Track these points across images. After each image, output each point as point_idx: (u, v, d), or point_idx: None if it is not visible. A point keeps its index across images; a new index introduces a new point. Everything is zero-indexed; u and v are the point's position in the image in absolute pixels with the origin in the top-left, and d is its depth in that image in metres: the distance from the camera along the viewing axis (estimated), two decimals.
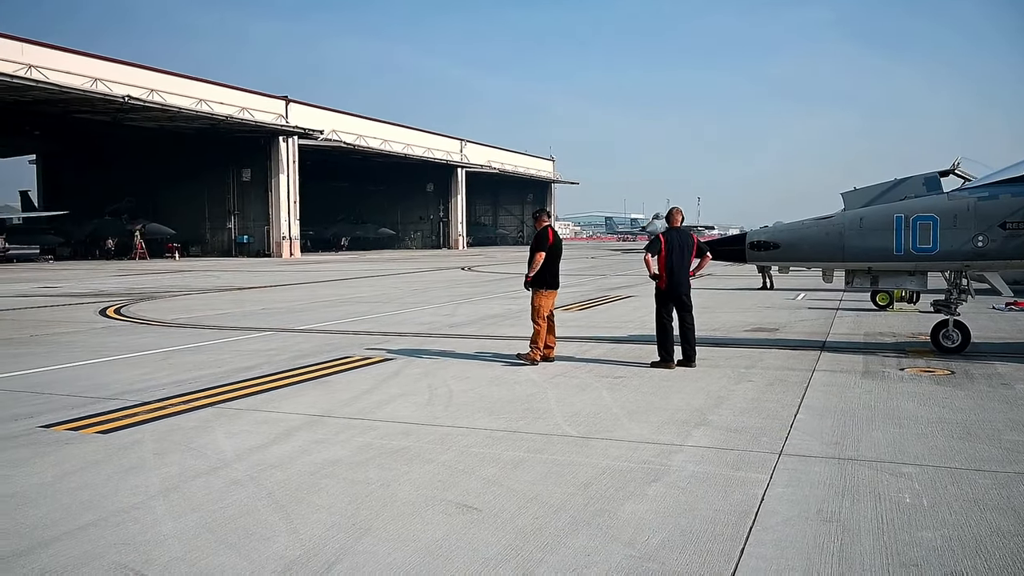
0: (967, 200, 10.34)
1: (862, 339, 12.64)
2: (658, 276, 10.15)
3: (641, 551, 4.30)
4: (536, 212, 11.33)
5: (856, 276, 11.17)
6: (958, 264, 10.52)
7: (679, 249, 10.14)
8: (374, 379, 9.43)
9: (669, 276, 10.11)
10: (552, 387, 8.88)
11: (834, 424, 7.05)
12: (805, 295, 20.48)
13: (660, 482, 5.47)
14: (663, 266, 10.11)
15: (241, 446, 6.48)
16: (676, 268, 10.11)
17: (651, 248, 10.24)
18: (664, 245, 10.11)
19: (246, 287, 26.82)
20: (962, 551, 4.25)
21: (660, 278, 10.14)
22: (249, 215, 60.67)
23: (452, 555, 4.27)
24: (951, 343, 10.84)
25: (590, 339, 12.76)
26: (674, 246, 10.12)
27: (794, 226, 11.34)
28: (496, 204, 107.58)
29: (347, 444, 6.52)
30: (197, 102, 51.27)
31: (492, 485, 5.44)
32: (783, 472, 5.66)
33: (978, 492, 5.18)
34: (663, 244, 10.11)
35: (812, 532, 4.54)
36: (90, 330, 14.93)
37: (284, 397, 8.50)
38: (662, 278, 10.13)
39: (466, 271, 37.27)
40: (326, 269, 39.70)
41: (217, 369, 10.23)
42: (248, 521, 4.80)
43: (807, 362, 10.38)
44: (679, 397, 8.27)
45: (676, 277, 10.12)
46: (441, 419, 7.40)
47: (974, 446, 6.29)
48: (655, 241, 10.27)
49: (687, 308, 10.19)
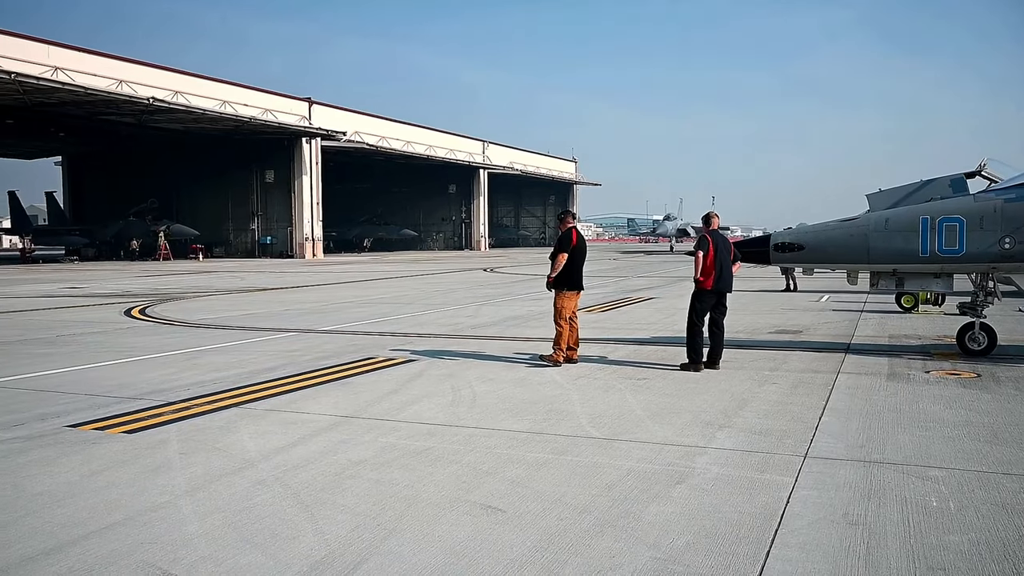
0: (994, 202, 10.22)
1: (887, 341, 12.52)
2: (707, 275, 10.05)
3: (666, 553, 4.30)
4: (561, 213, 11.32)
5: (881, 278, 11.08)
6: (984, 266, 10.40)
7: (723, 250, 10.15)
8: (398, 380, 9.48)
9: (718, 275, 10.05)
10: (575, 389, 8.88)
11: (859, 427, 7.00)
12: (829, 297, 20.32)
13: (684, 484, 5.45)
14: (711, 264, 10.06)
15: (266, 446, 6.54)
16: (724, 267, 10.10)
17: (701, 246, 10.18)
18: (712, 244, 10.09)
19: (270, 288, 27.03)
20: (990, 555, 4.21)
21: (709, 277, 10.06)
22: (272, 216, 61.11)
23: (477, 556, 4.29)
24: (977, 346, 10.72)
25: (613, 340, 12.74)
26: (719, 246, 10.14)
27: (819, 228, 11.27)
28: (518, 205, 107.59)
29: (371, 445, 6.55)
30: (221, 104, 51.76)
31: (516, 486, 5.45)
32: (808, 475, 5.63)
33: (1006, 496, 5.12)
34: (711, 243, 10.10)
35: (838, 535, 4.51)
36: (115, 330, 15.12)
37: (308, 398, 8.56)
38: (709, 277, 10.06)
39: (489, 272, 37.31)
40: (349, 270, 39.91)
41: (241, 370, 10.32)
42: (273, 521, 4.84)
43: (832, 364, 10.30)
44: (703, 399, 8.24)
45: (723, 275, 10.09)
46: (465, 420, 7.42)
47: (1001, 450, 6.22)
48: (703, 240, 10.22)
49: (723, 311, 10.19)
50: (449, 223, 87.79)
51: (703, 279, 10.08)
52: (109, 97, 44.74)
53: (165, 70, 50.08)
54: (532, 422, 7.30)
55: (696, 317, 10.07)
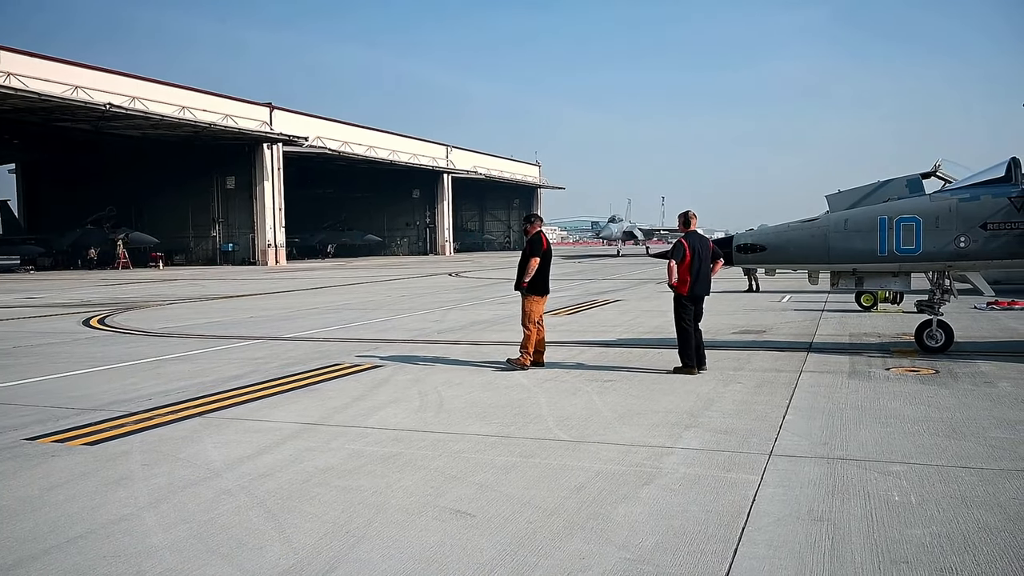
0: (949, 201, 10.46)
1: (848, 340, 12.73)
2: (682, 283, 9.89)
3: (635, 553, 4.32)
4: (528, 217, 11.26)
5: (841, 277, 11.27)
6: (941, 265, 10.63)
7: (702, 253, 9.97)
8: (364, 386, 9.42)
9: (694, 281, 9.88)
10: (543, 391, 8.90)
11: (822, 424, 7.11)
12: (791, 297, 20.62)
13: (652, 484, 5.49)
14: (687, 271, 9.87)
15: (231, 456, 6.46)
16: (701, 272, 9.91)
17: (675, 254, 9.94)
18: (688, 250, 9.90)
19: (233, 295, 26.69)
20: (951, 548, 4.30)
21: (684, 284, 9.89)
22: (234, 223, 60.34)
23: (447, 561, 4.28)
24: (935, 343, 10.94)
25: (579, 343, 12.79)
26: (697, 250, 9.92)
27: (780, 229, 11.43)
28: (482, 210, 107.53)
29: (338, 452, 6.50)
30: (180, 110, 51.02)
31: (485, 490, 5.45)
32: (773, 472, 5.70)
33: (965, 489, 5.24)
34: (687, 249, 9.90)
35: (803, 531, 4.57)
36: (74, 341, 14.82)
37: (274, 405, 8.47)
38: (685, 284, 9.89)
39: (454, 277, 37.25)
40: (313, 276, 39.56)
41: (205, 378, 10.18)
42: (240, 531, 4.78)
43: (794, 363, 10.45)
44: (669, 400, 8.30)
45: (701, 282, 9.92)
46: (432, 425, 7.40)
47: (960, 444, 6.35)
48: (678, 247, 9.99)
49: (699, 315, 10.03)
50: (413, 228, 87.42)
51: (678, 286, 9.93)
52: (64, 103, 43.88)
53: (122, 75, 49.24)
54: (500, 426, 7.30)
55: (684, 322, 9.89)
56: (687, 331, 9.87)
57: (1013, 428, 6.81)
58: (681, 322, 9.93)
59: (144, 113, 47.80)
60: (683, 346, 9.85)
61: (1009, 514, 4.77)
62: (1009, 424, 6.95)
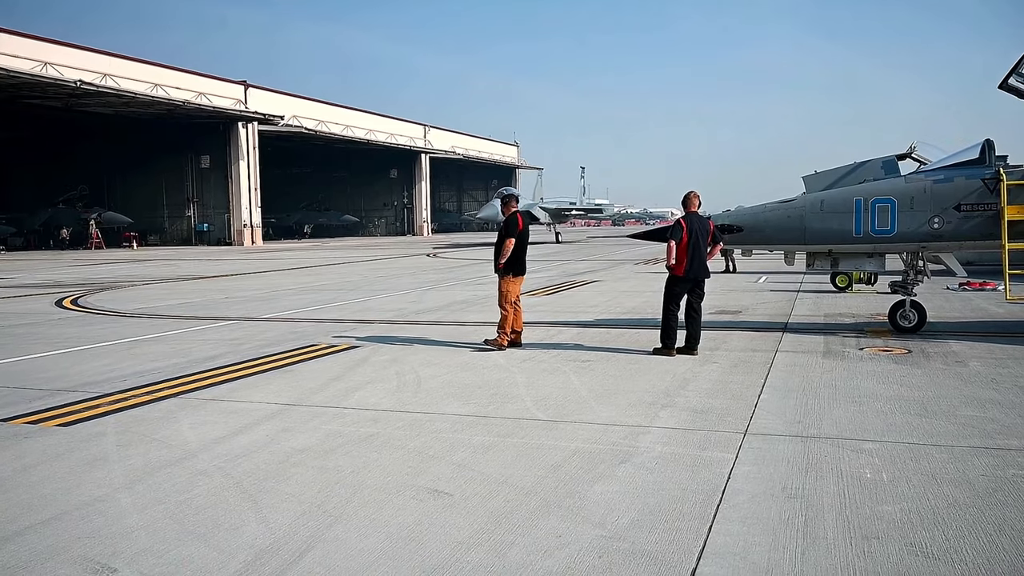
0: (923, 183, 10.55)
1: (823, 320, 12.86)
2: (678, 263, 9.83)
3: (611, 531, 4.36)
4: (504, 198, 11.17)
5: (817, 258, 11.36)
6: (915, 246, 10.74)
7: (699, 234, 9.89)
8: (341, 367, 9.39)
9: (690, 262, 9.81)
10: (520, 372, 8.92)
11: (797, 403, 7.19)
12: (767, 278, 20.78)
13: (629, 463, 5.53)
14: (684, 252, 9.81)
15: (207, 436, 6.42)
16: (698, 254, 9.84)
17: (674, 234, 9.87)
18: (686, 231, 9.84)
19: (208, 276, 26.46)
20: (920, 523, 4.37)
21: (680, 264, 9.84)
22: (209, 203, 59.79)
23: (424, 540, 4.29)
24: (908, 323, 11.07)
25: (557, 324, 12.81)
26: (695, 231, 9.86)
27: (756, 209, 11.48)
28: (460, 190, 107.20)
29: (315, 432, 6.49)
30: (153, 87, 50.33)
31: (462, 470, 5.46)
32: (748, 451, 5.76)
33: (935, 466, 5.32)
34: (685, 230, 9.83)
35: (777, 508, 4.63)
36: (47, 322, 14.64)
37: (250, 386, 8.43)
38: (681, 264, 9.83)
39: (432, 257, 37.15)
40: (289, 257, 39.31)
41: (180, 359, 10.10)
42: (216, 511, 4.76)
43: (770, 343, 10.54)
44: (646, 379, 8.35)
45: (697, 263, 9.85)
46: (410, 405, 7.39)
47: (931, 422, 6.45)
48: (676, 227, 9.92)
49: (700, 296, 9.98)
50: (391, 208, 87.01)
51: (675, 266, 9.87)
52: (34, 80, 43.13)
53: (93, 52, 48.45)
54: (477, 406, 7.32)
55: (671, 303, 9.89)
56: (672, 312, 9.87)
57: (982, 406, 6.92)
58: (669, 303, 9.92)
59: (116, 91, 47.10)
60: (666, 327, 9.86)
61: (977, 490, 4.85)
62: (979, 403, 7.06)
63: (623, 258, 32.91)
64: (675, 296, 9.94)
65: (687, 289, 9.95)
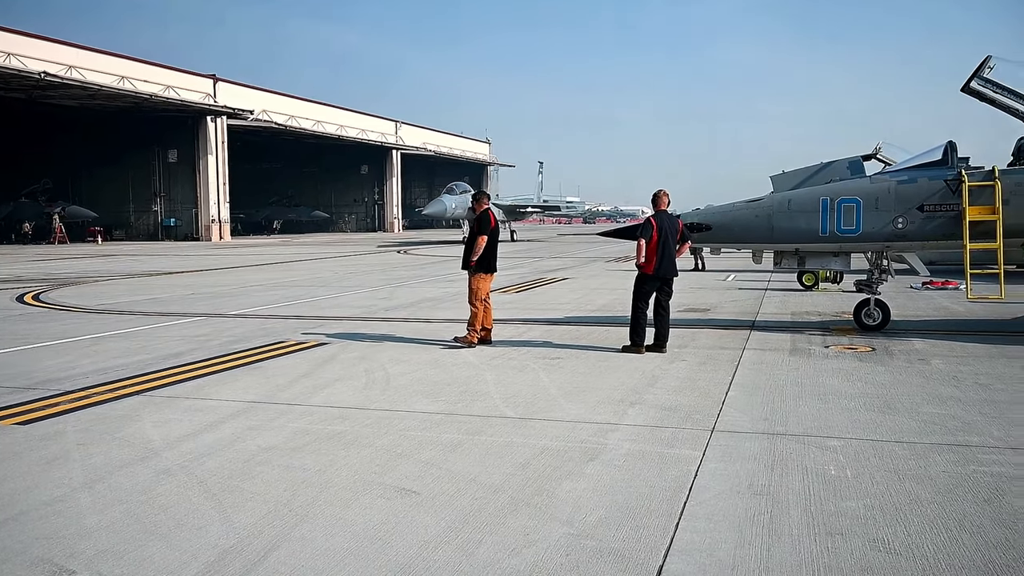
0: (888, 183, 10.71)
1: (789, 318, 13.00)
2: (647, 262, 9.90)
3: (579, 529, 4.36)
4: (475, 195, 11.23)
5: (784, 257, 11.49)
6: (879, 245, 10.90)
7: (668, 233, 9.93)
8: (310, 364, 9.31)
9: (659, 261, 9.87)
10: (490, 369, 8.90)
11: (763, 400, 7.25)
12: (735, 276, 20.96)
13: (597, 461, 5.54)
14: (654, 250, 9.87)
15: (171, 435, 6.33)
16: (667, 252, 9.89)
17: (643, 233, 9.94)
18: (656, 229, 9.89)
19: (175, 271, 26.11)
20: (883, 519, 4.43)
21: (650, 263, 9.90)
22: (176, 197, 58.91)
23: (391, 539, 4.26)
24: (872, 321, 11.23)
25: (527, 321, 12.82)
26: (664, 229, 9.91)
27: (725, 208, 11.57)
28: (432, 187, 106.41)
29: (282, 430, 6.42)
30: (120, 80, 49.46)
31: (431, 468, 5.44)
32: (715, 448, 5.80)
33: (898, 463, 5.40)
34: (655, 228, 9.88)
35: (743, 505, 4.67)
36: (7, 317, 14.35)
37: (216, 383, 8.32)
38: (650, 263, 9.89)
39: (402, 254, 36.99)
40: (258, 253, 38.91)
41: (145, 356, 9.95)
42: (179, 511, 4.70)
43: (738, 341, 10.63)
44: (615, 377, 8.38)
45: (666, 261, 9.91)
46: (378, 403, 7.35)
47: (894, 419, 6.54)
48: (647, 225, 9.99)
49: (669, 294, 10.05)
50: (362, 204, 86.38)
51: (644, 264, 9.94)
52: None
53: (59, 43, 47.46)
54: (446, 403, 7.29)
55: (640, 301, 9.94)
56: (641, 310, 9.92)
57: (944, 404, 7.03)
58: (638, 301, 9.97)
59: (81, 83, 46.19)
60: (635, 325, 9.91)
61: (939, 486, 4.93)
62: (940, 400, 7.17)
63: (594, 256, 33.01)
64: (644, 294, 9.98)
65: (656, 287, 10.00)
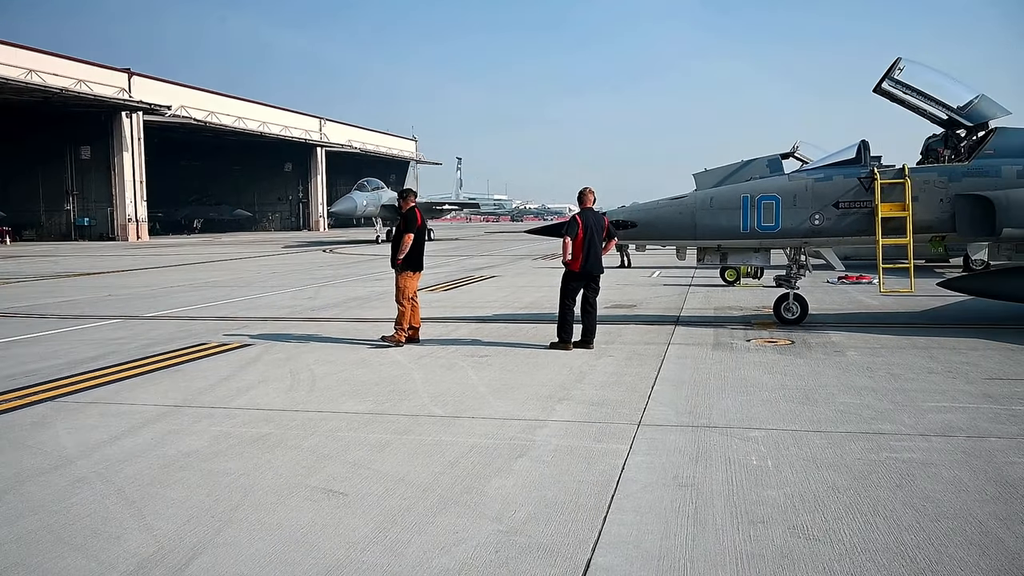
0: (805, 181, 11.05)
1: (712, 313, 13.29)
2: (574, 259, 9.93)
3: (508, 526, 4.37)
4: (402, 192, 11.11)
5: (707, 253, 11.74)
6: (797, 241, 11.24)
7: (594, 230, 9.97)
8: (232, 366, 9.09)
9: (585, 258, 9.91)
10: (418, 368, 8.85)
11: (688, 394, 7.40)
12: (660, 272, 21.33)
13: (525, 457, 5.57)
14: (579, 248, 9.91)
15: (86, 441, 6.10)
16: (592, 249, 9.93)
17: (569, 230, 9.96)
18: (581, 227, 9.92)
19: (89, 272, 25.16)
20: (803, 507, 4.57)
21: (576, 260, 9.94)
22: (90, 196, 56.77)
23: (317, 541, 4.20)
24: (791, 315, 11.57)
25: (455, 319, 12.79)
26: (590, 227, 9.94)
27: (650, 206, 11.76)
28: None
29: (204, 434, 6.26)
30: (27, 73, 47.35)
31: (358, 468, 5.38)
32: (642, 441, 5.89)
33: (816, 452, 5.58)
34: (580, 226, 9.90)
35: (669, 497, 4.75)
36: None
37: (134, 388, 8.06)
38: (577, 260, 9.93)
39: (328, 253, 36.45)
40: (177, 252, 37.80)
41: (57, 361, 9.57)
42: (95, 520, 4.53)
43: (663, 336, 10.82)
44: (543, 374, 8.43)
45: (592, 259, 9.94)
46: (304, 404, 7.23)
47: (812, 409, 6.76)
48: (572, 223, 10.00)
49: (596, 291, 10.10)
50: (286, 203, 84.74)
51: (571, 262, 9.98)
52: None
53: None
54: (374, 403, 7.22)
55: (567, 298, 10.00)
56: (568, 307, 10.00)
57: (859, 393, 7.29)
58: (565, 298, 10.04)
59: None
60: (562, 322, 9.98)
61: (854, 473, 5.11)
62: (855, 390, 7.44)
63: (522, 253, 33.14)
64: (571, 291, 10.06)
65: (583, 284, 10.08)
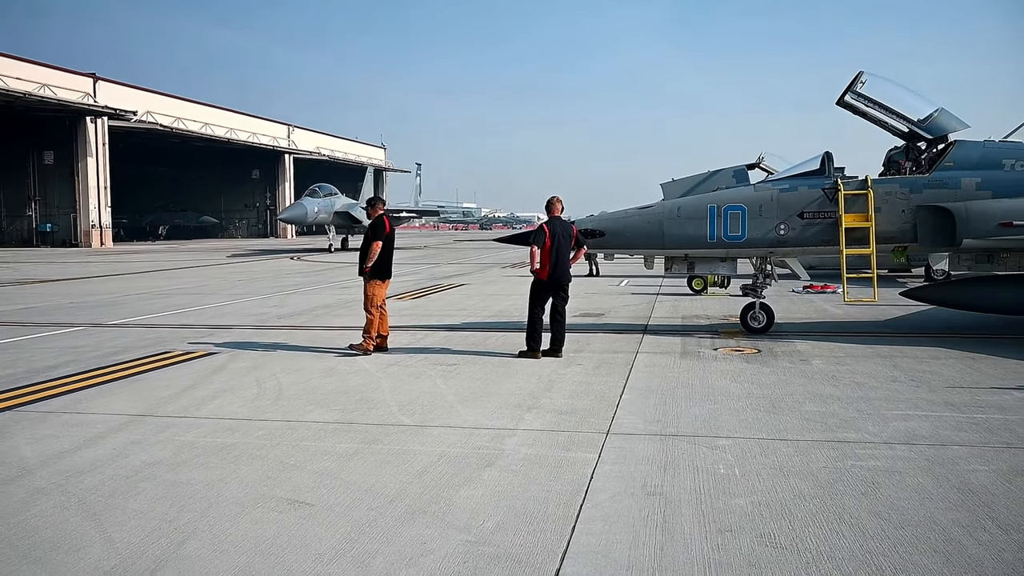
0: (771, 192, 11.19)
1: (680, 322, 13.38)
2: (541, 268, 9.93)
3: (476, 536, 4.35)
4: (370, 200, 11.09)
5: (674, 262, 11.83)
6: (763, 251, 11.37)
7: (562, 239, 9.97)
8: (197, 374, 8.97)
9: (553, 267, 9.92)
10: (386, 377, 8.80)
11: (656, 402, 7.43)
12: (628, 281, 21.44)
13: (494, 466, 5.55)
14: (547, 257, 9.91)
15: (46, 452, 5.97)
16: (560, 258, 9.94)
17: (536, 239, 9.96)
18: (548, 236, 9.92)
19: (51, 279, 24.70)
20: (770, 515, 4.60)
21: (543, 269, 9.94)
22: (53, 202, 55.83)
23: (283, 553, 4.14)
24: (758, 324, 11.69)
25: (424, 328, 12.74)
26: (557, 236, 9.94)
27: (618, 215, 11.82)
28: None
29: (167, 444, 6.16)
30: None
31: (325, 478, 5.32)
32: (610, 450, 5.90)
33: (782, 460, 5.63)
34: (547, 235, 9.90)
35: (638, 506, 4.76)
36: None
37: (96, 397, 7.91)
38: (544, 269, 9.93)
39: (295, 260, 36.17)
40: (142, 259, 37.27)
41: (17, 369, 9.37)
42: (55, 532, 4.43)
43: (631, 345, 10.87)
44: (512, 382, 8.42)
45: (560, 267, 9.95)
46: (270, 414, 7.14)
47: (779, 418, 6.82)
48: (539, 232, 9.99)
49: (564, 299, 10.11)
50: (253, 210, 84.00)
51: (538, 271, 9.98)
52: None
53: None
54: (341, 412, 7.16)
55: (536, 307, 9.99)
56: (537, 316, 10.00)
57: (824, 402, 7.38)
58: (533, 307, 10.04)
59: None
60: (531, 330, 9.97)
61: (820, 481, 5.17)
62: (821, 398, 7.53)
63: (491, 261, 33.14)
64: (540, 299, 10.08)
65: (551, 293, 10.10)
